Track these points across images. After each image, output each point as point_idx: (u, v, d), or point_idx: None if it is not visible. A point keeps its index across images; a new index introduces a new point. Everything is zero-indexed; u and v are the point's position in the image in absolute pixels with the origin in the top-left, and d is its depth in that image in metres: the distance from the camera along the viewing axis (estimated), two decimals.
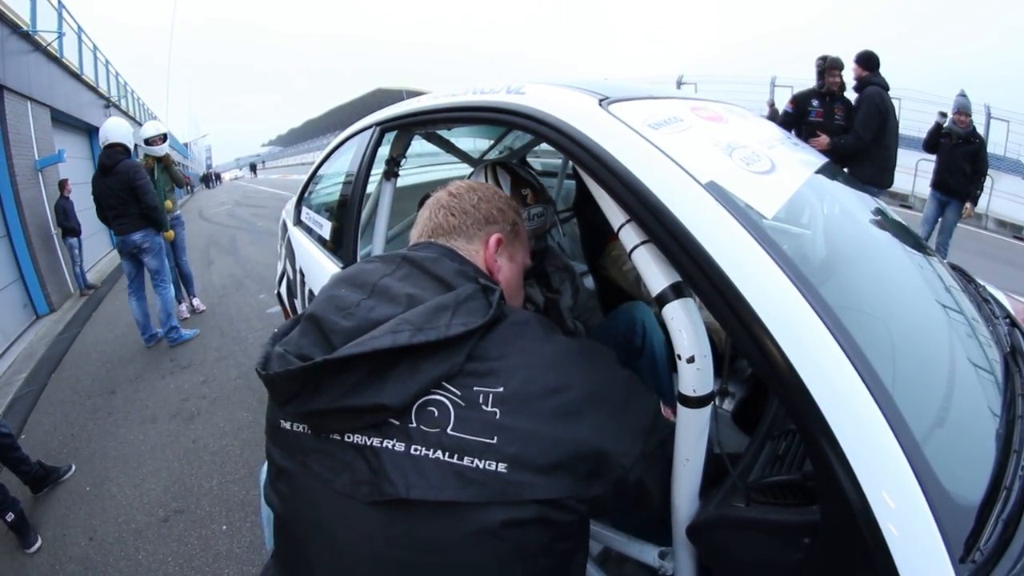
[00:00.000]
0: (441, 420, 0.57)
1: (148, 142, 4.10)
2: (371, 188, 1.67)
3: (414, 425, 0.57)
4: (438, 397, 0.58)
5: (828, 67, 4.08)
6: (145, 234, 3.84)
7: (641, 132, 0.77)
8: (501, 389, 0.58)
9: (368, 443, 0.58)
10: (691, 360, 0.67)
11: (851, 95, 4.12)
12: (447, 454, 0.56)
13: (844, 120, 4.10)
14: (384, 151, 1.58)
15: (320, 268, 1.86)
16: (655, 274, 0.70)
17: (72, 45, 8.34)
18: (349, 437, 0.59)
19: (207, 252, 8.28)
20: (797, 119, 4.26)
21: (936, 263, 1.26)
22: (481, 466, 0.56)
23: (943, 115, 4.79)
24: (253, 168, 51.19)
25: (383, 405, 0.57)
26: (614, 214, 0.75)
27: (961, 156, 4.62)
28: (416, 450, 0.57)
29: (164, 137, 4.19)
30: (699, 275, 0.64)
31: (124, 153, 3.73)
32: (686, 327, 0.67)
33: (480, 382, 0.59)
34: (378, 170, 1.60)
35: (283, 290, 2.53)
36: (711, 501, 0.73)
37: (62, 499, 2.46)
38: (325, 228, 1.98)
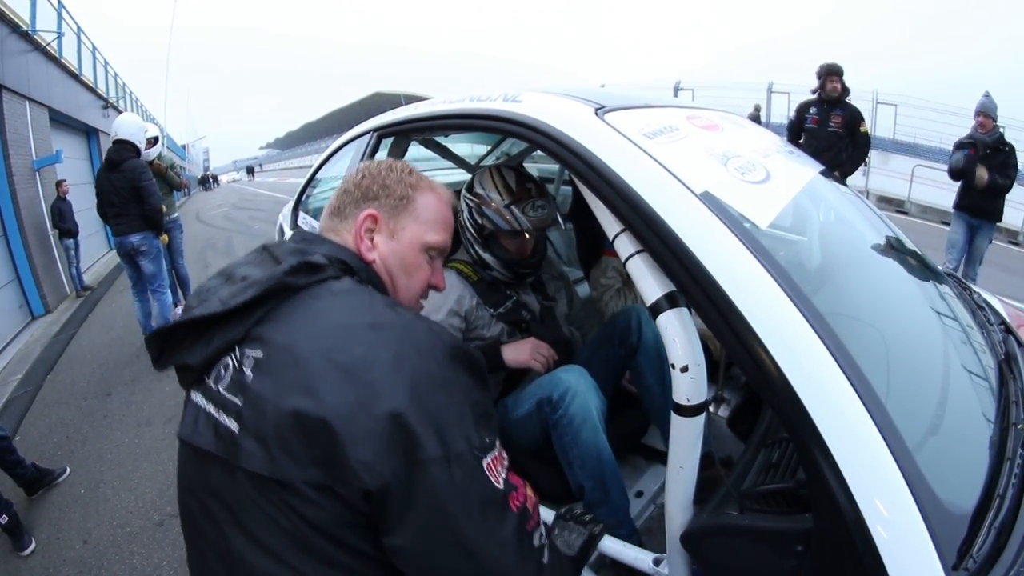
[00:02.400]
0: (223, 379, 0.63)
1: None
2: None
3: (211, 382, 0.64)
4: (227, 359, 0.64)
5: (826, 74, 4.12)
6: (143, 236, 3.76)
7: (636, 142, 0.77)
8: (260, 353, 0.62)
9: (192, 396, 0.67)
10: (685, 369, 0.67)
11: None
12: (214, 408, 0.63)
13: (840, 127, 4.13)
14: (381, 156, 1.59)
15: None
16: (650, 284, 0.70)
17: (71, 45, 8.33)
18: (191, 394, 0.68)
19: (204, 255, 8.25)
20: (798, 126, 4.32)
21: (930, 270, 1.27)
22: (226, 423, 0.61)
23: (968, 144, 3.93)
24: (250, 171, 50.92)
25: (187, 364, 0.66)
26: (609, 224, 0.75)
27: (990, 170, 3.79)
28: (206, 404, 0.64)
29: (155, 140, 4.13)
30: (693, 285, 0.65)
31: (133, 151, 3.66)
32: (680, 336, 0.67)
33: (252, 345, 0.63)
34: None
35: None
36: (705, 509, 0.73)
37: (56, 502, 2.45)
38: None
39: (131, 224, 3.71)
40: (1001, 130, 3.92)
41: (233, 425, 0.59)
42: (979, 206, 3.92)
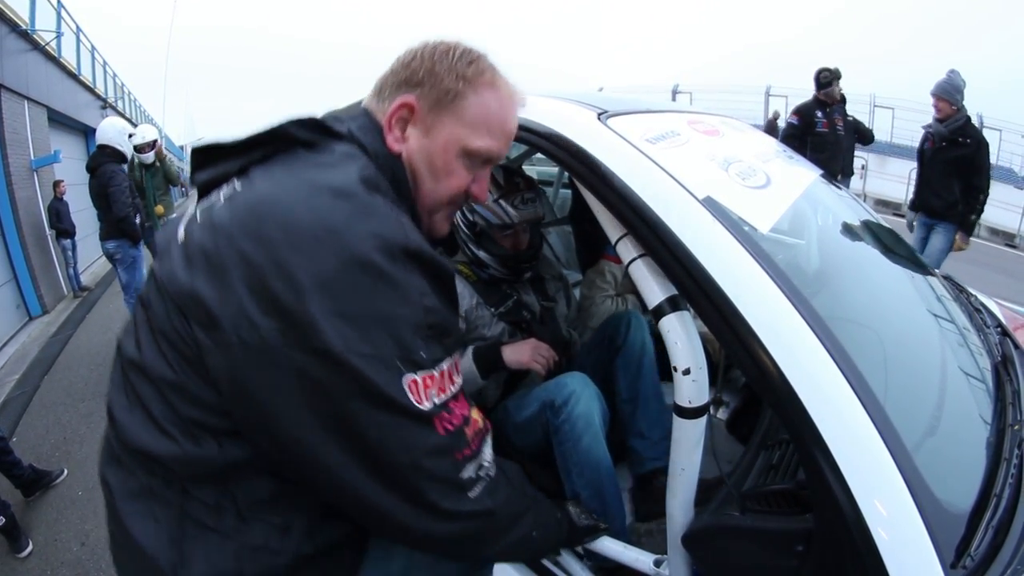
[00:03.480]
0: (207, 200, 0.63)
1: (137, 149, 4.06)
2: None
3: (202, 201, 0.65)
4: (224, 186, 0.64)
5: (834, 78, 4.05)
6: (118, 244, 3.74)
7: (639, 147, 0.78)
8: (239, 187, 0.61)
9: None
10: (687, 372, 0.68)
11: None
12: (186, 222, 0.63)
13: (843, 128, 4.14)
14: None
15: None
16: (652, 287, 0.71)
17: (70, 45, 8.31)
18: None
19: None
20: (803, 131, 4.14)
21: (928, 273, 1.28)
22: (179, 235, 0.61)
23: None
24: None
25: (194, 181, 0.69)
26: (611, 227, 0.76)
27: (943, 165, 3.31)
28: (184, 217, 0.65)
29: (152, 144, 4.13)
30: (695, 289, 0.65)
31: (111, 156, 3.65)
32: (682, 339, 0.68)
33: (241, 179, 0.62)
34: None
35: None
36: (706, 510, 0.74)
37: (54, 503, 2.44)
38: None
39: (107, 231, 3.73)
40: (967, 117, 3.29)
41: (180, 237, 0.60)
42: (932, 206, 3.46)
